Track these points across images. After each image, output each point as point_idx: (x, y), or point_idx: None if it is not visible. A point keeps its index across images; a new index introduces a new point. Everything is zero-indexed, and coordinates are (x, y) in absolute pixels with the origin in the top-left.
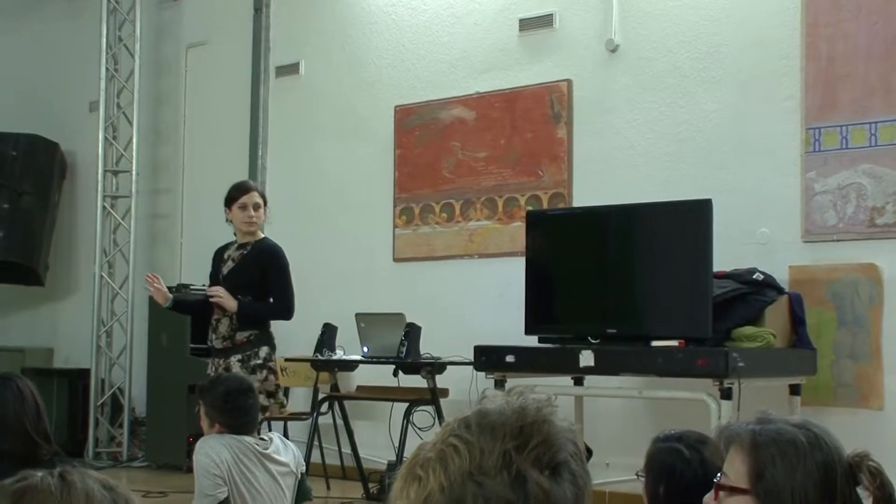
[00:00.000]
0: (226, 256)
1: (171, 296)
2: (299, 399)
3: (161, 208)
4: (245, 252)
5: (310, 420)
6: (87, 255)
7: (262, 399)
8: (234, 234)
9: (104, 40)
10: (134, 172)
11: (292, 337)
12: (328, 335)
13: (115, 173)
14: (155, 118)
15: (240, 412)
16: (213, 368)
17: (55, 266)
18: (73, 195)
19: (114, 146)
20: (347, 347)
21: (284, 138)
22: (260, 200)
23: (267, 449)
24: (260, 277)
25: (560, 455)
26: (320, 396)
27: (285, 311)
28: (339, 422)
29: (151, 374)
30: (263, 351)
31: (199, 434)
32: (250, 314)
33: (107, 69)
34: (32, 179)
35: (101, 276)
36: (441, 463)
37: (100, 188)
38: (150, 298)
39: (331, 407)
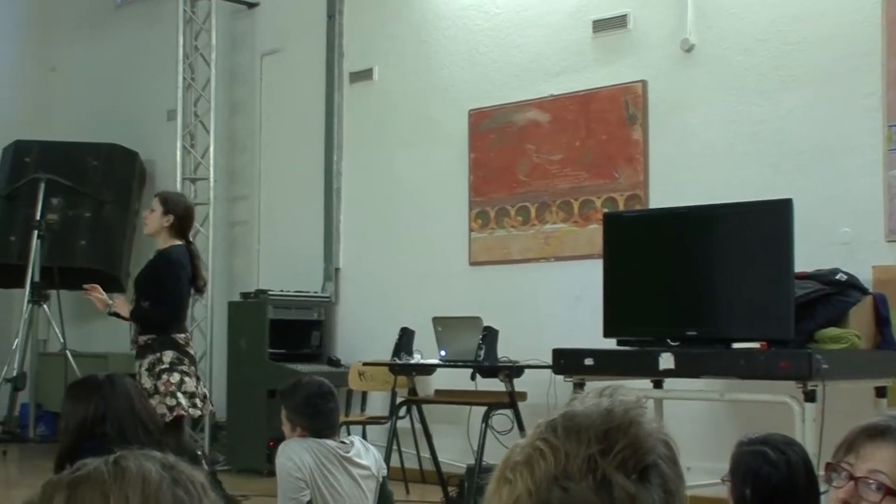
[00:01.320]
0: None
1: (110, 302)
2: (377, 403)
3: (238, 215)
4: (148, 260)
5: (388, 424)
6: None
7: (183, 401)
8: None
9: (181, 50)
10: (211, 180)
11: (370, 342)
12: (406, 339)
13: (193, 181)
14: (231, 126)
15: (321, 416)
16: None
17: (136, 273)
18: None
19: (191, 154)
20: (425, 351)
21: (359, 144)
22: (156, 204)
23: (348, 452)
24: (153, 285)
25: (648, 458)
26: (398, 400)
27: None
28: (417, 426)
29: (231, 379)
30: (168, 355)
31: (279, 438)
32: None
33: (184, 78)
34: (113, 188)
35: None
36: (528, 467)
37: None
38: (230, 304)
39: (408, 411)
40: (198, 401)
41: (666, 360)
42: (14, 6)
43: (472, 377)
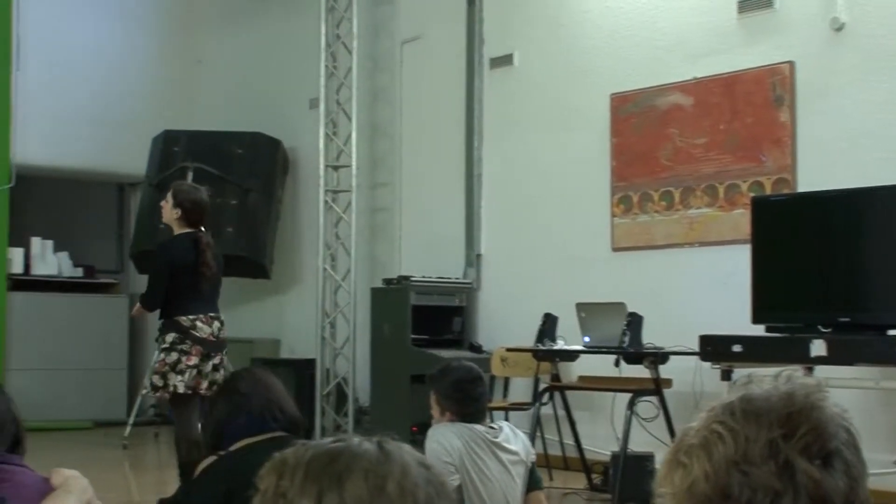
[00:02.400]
0: None
1: None
2: (519, 389)
3: (380, 202)
4: None
5: (531, 410)
6: (311, 248)
7: (176, 379)
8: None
9: (323, 38)
10: (354, 167)
11: (511, 327)
12: (549, 325)
13: (336, 168)
14: (372, 113)
15: (470, 400)
16: None
17: (280, 260)
18: (296, 191)
19: (334, 142)
20: (568, 337)
21: (499, 130)
22: (168, 197)
23: (497, 437)
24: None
25: (832, 443)
26: (541, 387)
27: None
28: (560, 412)
29: (374, 364)
30: (170, 336)
31: (422, 423)
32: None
33: (326, 67)
34: (257, 176)
35: (325, 269)
36: (705, 450)
37: (321, 183)
38: (373, 290)
39: (551, 397)
40: (185, 378)
41: (818, 347)
42: (162, 2)
43: (616, 363)
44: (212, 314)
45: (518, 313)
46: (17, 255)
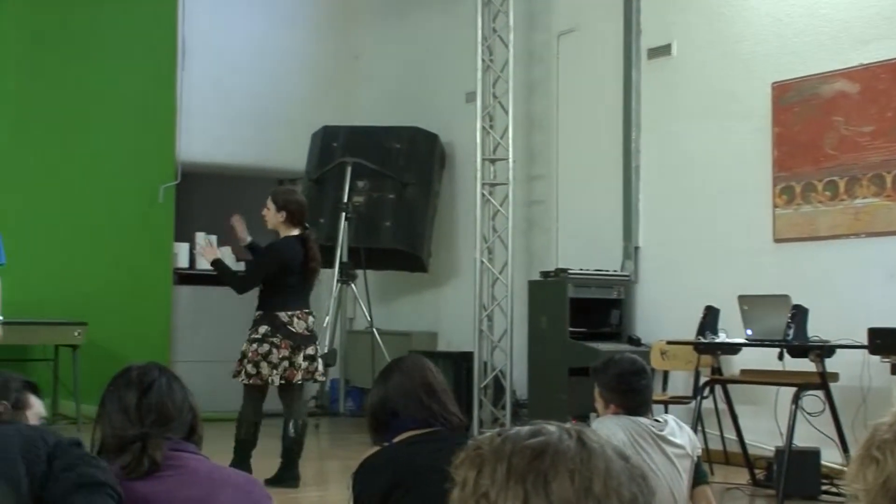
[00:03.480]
0: None
1: (248, 239)
2: (678, 383)
3: (536, 194)
4: None
5: (691, 404)
6: (468, 241)
7: (265, 369)
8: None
9: (479, 32)
10: (510, 160)
11: (670, 320)
12: (710, 318)
13: (493, 161)
14: (529, 106)
15: (633, 393)
16: None
17: (437, 253)
18: (453, 184)
19: (490, 135)
20: (729, 330)
21: (657, 120)
22: (269, 203)
23: (662, 431)
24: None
25: None
26: (702, 381)
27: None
28: (721, 406)
29: (532, 356)
30: (262, 328)
31: (580, 416)
32: (218, 270)
33: (482, 60)
34: (415, 170)
35: (482, 262)
36: None
37: (478, 176)
38: (530, 283)
39: (712, 391)
40: (279, 370)
41: None
42: (320, 0)
43: (780, 357)
44: (306, 310)
45: (676, 306)
46: (182, 249)
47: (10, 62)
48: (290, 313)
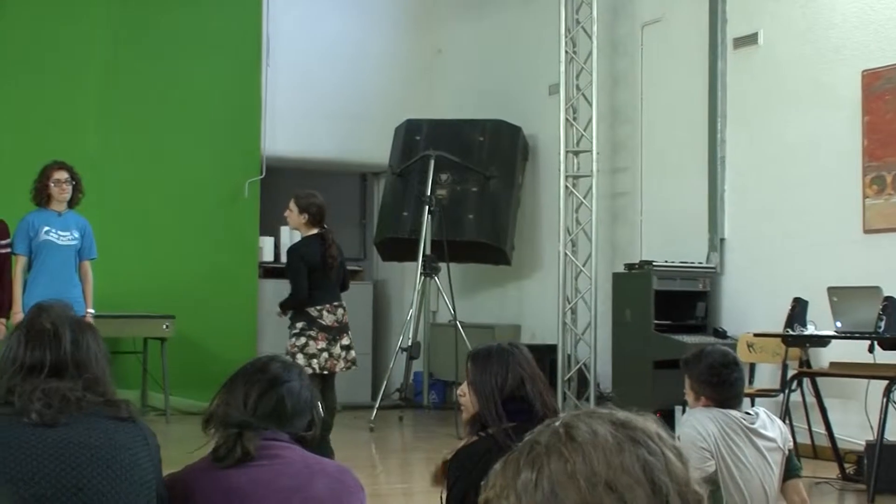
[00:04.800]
0: None
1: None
2: (765, 375)
3: (620, 186)
4: None
5: (778, 397)
6: (551, 234)
7: (301, 360)
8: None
9: (562, 24)
10: (594, 152)
11: (756, 313)
12: (799, 310)
13: (576, 153)
14: (612, 98)
15: (725, 385)
16: None
17: (520, 246)
18: (535, 177)
19: (574, 127)
20: (818, 323)
21: (743, 111)
22: (291, 206)
23: (754, 423)
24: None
25: None
26: (790, 373)
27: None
28: (809, 399)
29: (616, 350)
30: (299, 324)
31: (666, 410)
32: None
33: (566, 52)
34: (498, 163)
35: (565, 255)
36: None
37: (561, 169)
38: (614, 275)
39: (800, 384)
40: (319, 360)
41: None
42: None
43: (871, 349)
44: (335, 302)
45: (762, 298)
46: (267, 244)
47: (96, 62)
48: (318, 308)
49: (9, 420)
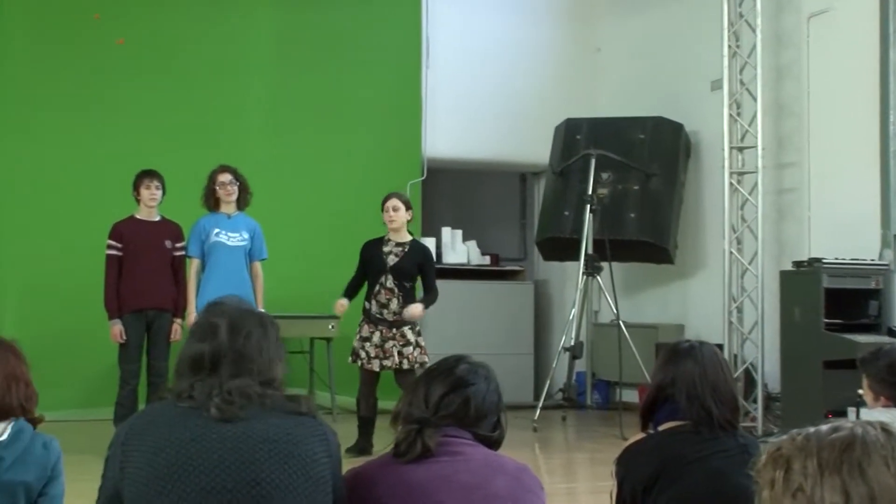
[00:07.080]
0: (385, 251)
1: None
2: None
3: (787, 182)
4: (404, 250)
5: None
6: (715, 232)
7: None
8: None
9: (725, 18)
10: (759, 148)
11: None
12: None
13: (740, 150)
14: (777, 92)
15: None
16: (371, 332)
17: (684, 244)
18: (698, 174)
19: (738, 123)
20: None
21: None
22: (399, 204)
23: None
24: (418, 271)
25: None
26: None
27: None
28: None
29: (784, 349)
30: (418, 326)
31: (836, 410)
32: (428, 306)
33: (728, 46)
34: (660, 161)
35: (731, 253)
36: None
37: (726, 165)
38: (781, 273)
39: None
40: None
41: None
42: None
43: None
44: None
45: None
46: (429, 244)
47: (258, 65)
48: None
49: (191, 414)
